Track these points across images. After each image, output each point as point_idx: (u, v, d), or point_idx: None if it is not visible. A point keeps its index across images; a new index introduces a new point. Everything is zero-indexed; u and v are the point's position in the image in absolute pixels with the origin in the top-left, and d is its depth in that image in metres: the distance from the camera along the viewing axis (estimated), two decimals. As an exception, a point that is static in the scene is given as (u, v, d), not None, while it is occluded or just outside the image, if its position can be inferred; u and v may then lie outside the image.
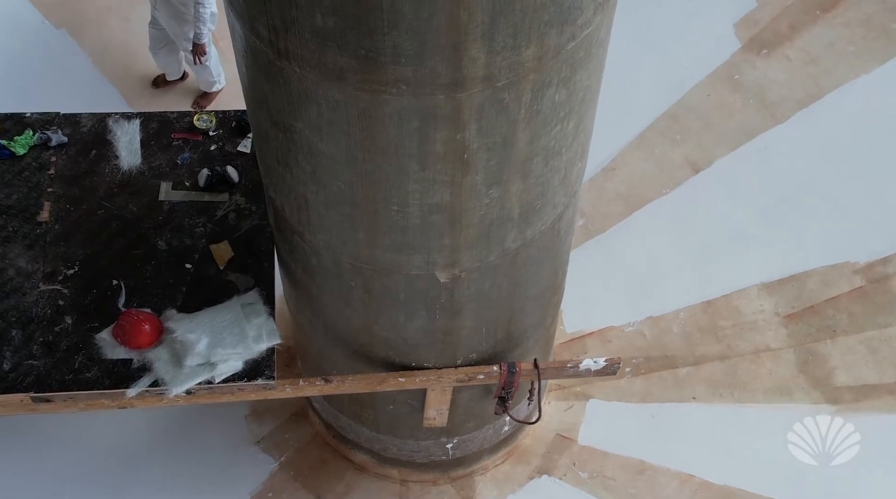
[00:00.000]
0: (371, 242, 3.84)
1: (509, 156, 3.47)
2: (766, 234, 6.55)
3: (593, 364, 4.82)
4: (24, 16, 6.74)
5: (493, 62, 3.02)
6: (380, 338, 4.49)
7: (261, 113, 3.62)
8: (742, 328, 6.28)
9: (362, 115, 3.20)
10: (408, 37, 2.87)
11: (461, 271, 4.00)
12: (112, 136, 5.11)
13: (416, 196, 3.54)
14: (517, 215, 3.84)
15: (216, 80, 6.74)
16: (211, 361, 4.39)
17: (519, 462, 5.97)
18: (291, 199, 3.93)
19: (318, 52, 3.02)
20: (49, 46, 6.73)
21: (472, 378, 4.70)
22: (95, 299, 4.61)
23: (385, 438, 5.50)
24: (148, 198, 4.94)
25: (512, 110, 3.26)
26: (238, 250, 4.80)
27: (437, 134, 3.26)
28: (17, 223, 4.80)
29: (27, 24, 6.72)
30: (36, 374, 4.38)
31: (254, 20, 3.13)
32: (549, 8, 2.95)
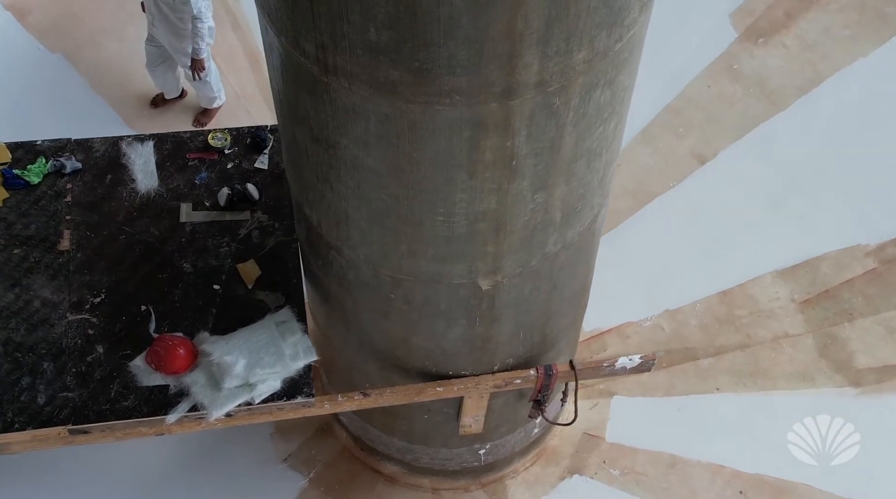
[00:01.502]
0: (414, 254, 3.81)
1: (555, 160, 3.46)
2: (775, 221, 6.59)
3: (629, 362, 4.82)
4: (18, 41, 6.64)
5: (546, 68, 3.01)
6: (418, 348, 4.46)
7: (300, 130, 3.58)
8: (759, 316, 6.31)
9: (412, 128, 3.18)
10: (464, 47, 2.85)
11: (503, 278, 3.99)
12: (126, 159, 5.04)
13: (463, 205, 3.52)
14: (559, 218, 3.83)
15: (216, 95, 6.67)
16: (249, 383, 4.33)
17: (549, 463, 5.96)
18: (330, 215, 3.89)
19: (370, 66, 2.99)
20: (46, 71, 6.63)
21: (509, 383, 4.68)
22: (125, 326, 4.53)
23: (417, 448, 5.46)
24: (169, 220, 4.87)
25: (561, 114, 3.25)
26: (265, 268, 4.74)
27: (488, 142, 3.24)
28: (39, 253, 4.71)
29: (23, 50, 6.62)
30: (72, 406, 4.30)
31: (299, 37, 3.09)
32: (601, 10, 2.95)
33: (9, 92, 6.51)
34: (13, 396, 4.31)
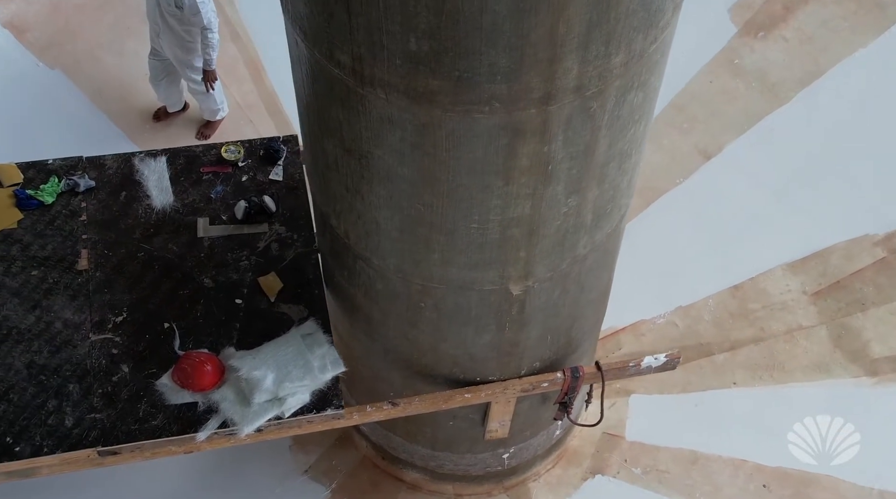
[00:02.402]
0: (446, 262, 3.79)
1: (589, 163, 3.45)
2: (783, 214, 6.61)
3: (654, 361, 4.82)
4: (17, 59, 6.57)
5: (585, 72, 3.00)
6: (446, 355, 4.44)
7: (330, 141, 3.55)
8: (772, 309, 6.34)
9: (450, 137, 3.16)
10: (505, 54, 2.84)
11: (534, 282, 3.98)
12: (140, 175, 4.99)
13: (498, 212, 3.51)
14: (590, 221, 3.83)
15: (220, 107, 6.63)
16: (279, 397, 4.30)
17: (570, 465, 5.95)
18: (359, 225, 3.86)
19: (408, 76, 2.97)
20: (46, 88, 6.56)
21: (536, 387, 4.67)
22: (149, 345, 4.49)
23: (441, 454, 5.44)
24: (187, 236, 4.83)
25: (597, 118, 3.24)
26: (286, 280, 4.71)
27: (525, 148, 3.23)
28: (57, 274, 4.66)
29: (21, 68, 6.54)
30: (100, 427, 4.25)
31: (334, 49, 3.07)
32: (639, 13, 2.95)
33: (9, 110, 6.44)
34: (40, 419, 4.26)
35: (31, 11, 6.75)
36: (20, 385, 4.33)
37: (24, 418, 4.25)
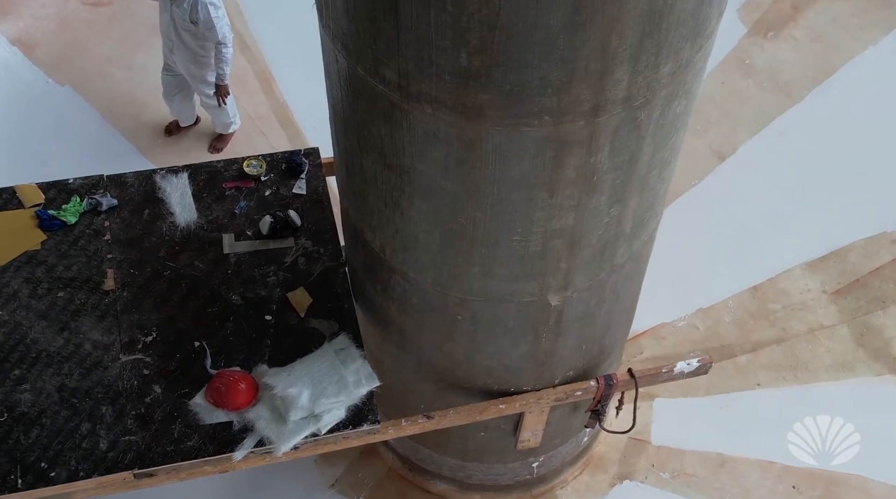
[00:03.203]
0: (486, 274, 3.77)
1: (632, 172, 3.44)
2: (800, 213, 6.62)
3: (686, 367, 4.80)
4: (26, 76, 6.50)
5: (634, 82, 2.98)
6: (481, 367, 4.42)
7: (369, 157, 3.52)
8: (793, 309, 6.33)
9: (496, 150, 3.14)
10: (557, 67, 2.82)
11: (573, 292, 3.95)
12: (162, 192, 4.94)
13: (541, 224, 3.48)
14: (629, 230, 3.81)
15: (232, 121, 6.59)
16: (315, 413, 4.26)
17: (597, 471, 5.93)
18: (397, 239, 3.83)
19: (457, 91, 2.95)
20: (57, 105, 6.51)
21: (569, 396, 4.65)
22: (180, 364, 4.44)
23: (471, 465, 5.41)
24: (212, 252, 4.78)
25: (643, 127, 3.22)
26: (315, 295, 4.67)
27: (571, 160, 3.21)
28: (84, 295, 4.61)
29: (31, 85, 6.49)
30: (136, 449, 4.20)
31: (379, 65, 3.04)
32: (689, 23, 2.93)
33: (21, 127, 6.38)
34: (75, 443, 4.20)
35: (39, 28, 6.69)
36: (52, 409, 4.28)
37: (57, 442, 4.20)
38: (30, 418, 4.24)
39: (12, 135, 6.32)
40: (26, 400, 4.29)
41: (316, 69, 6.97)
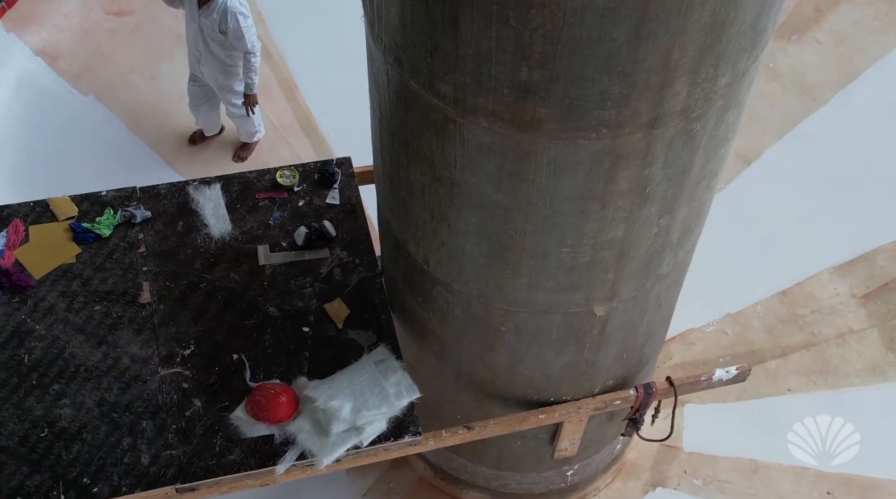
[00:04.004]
0: (532, 286, 3.75)
1: (684, 183, 3.42)
2: (826, 217, 6.60)
3: (725, 374, 4.78)
4: (51, 87, 6.49)
5: (693, 94, 2.97)
6: (522, 377, 4.40)
7: (418, 170, 3.50)
8: (821, 314, 6.32)
9: (551, 163, 3.12)
10: (618, 81, 2.80)
11: (618, 303, 3.94)
12: (195, 204, 4.92)
13: (591, 235, 3.46)
14: (676, 240, 3.79)
15: (257, 129, 6.57)
16: (357, 426, 4.23)
17: (629, 478, 5.91)
18: (442, 251, 3.81)
19: (515, 105, 2.93)
20: (81, 115, 6.49)
21: (609, 405, 4.64)
22: (219, 377, 4.42)
23: (506, 474, 5.40)
24: (248, 264, 4.76)
25: (697, 139, 3.21)
26: (352, 306, 4.65)
27: (626, 172, 3.19)
28: (120, 308, 4.59)
29: (56, 95, 6.47)
30: (178, 464, 4.18)
31: (434, 79, 3.03)
32: (748, 34, 2.92)
33: (47, 138, 6.36)
34: (116, 458, 4.18)
35: (62, 38, 6.67)
36: (93, 424, 4.26)
37: (99, 457, 4.18)
38: (70, 433, 4.22)
39: (38, 145, 6.30)
40: (66, 415, 4.27)
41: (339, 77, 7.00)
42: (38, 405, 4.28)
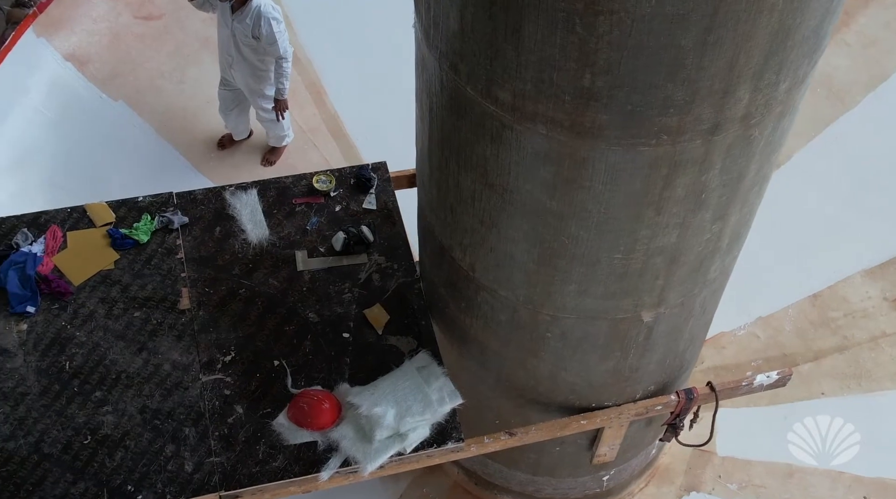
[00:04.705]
0: (582, 292, 3.73)
1: (738, 189, 3.40)
2: (857, 220, 6.57)
3: (766, 379, 4.77)
4: (81, 92, 6.48)
5: (754, 100, 2.95)
6: (564, 383, 4.38)
7: (469, 176, 3.49)
8: (854, 317, 6.29)
9: (609, 170, 3.10)
10: (682, 87, 2.78)
11: (665, 309, 3.92)
12: (232, 209, 4.92)
13: (644, 242, 3.44)
14: (725, 246, 3.77)
15: (286, 134, 6.56)
16: (400, 432, 4.22)
17: (663, 483, 5.88)
18: (490, 258, 3.80)
19: (576, 112, 2.91)
20: (111, 120, 6.48)
21: (650, 410, 4.62)
22: (261, 384, 4.41)
23: (542, 479, 5.38)
24: (286, 270, 4.75)
25: (754, 144, 3.19)
26: (391, 312, 4.64)
27: (683, 178, 3.17)
28: (160, 315, 4.58)
29: (86, 100, 6.46)
30: (221, 471, 4.17)
31: (493, 86, 3.01)
32: (810, 40, 2.90)
33: (77, 144, 6.36)
34: (160, 465, 4.17)
35: (91, 43, 6.66)
36: (135, 431, 4.25)
37: (143, 464, 4.17)
38: (113, 441, 4.22)
39: (68, 150, 6.30)
40: (109, 422, 4.27)
41: (366, 80, 6.99)
42: (81, 412, 4.28)
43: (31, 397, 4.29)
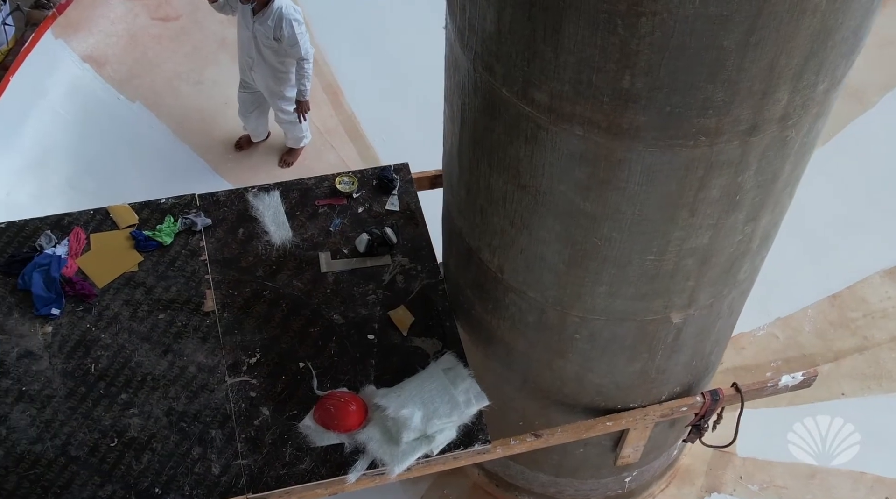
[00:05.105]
0: (612, 294, 3.72)
1: (771, 190, 3.39)
2: (875, 220, 6.56)
3: (791, 380, 4.76)
4: (98, 94, 6.47)
5: (792, 101, 2.94)
6: (591, 385, 4.37)
7: (501, 178, 3.48)
8: (873, 317, 6.27)
9: (645, 171, 3.09)
10: (722, 88, 2.78)
11: (695, 310, 3.91)
12: (255, 211, 4.91)
13: (677, 243, 3.44)
14: (755, 247, 3.77)
15: (304, 135, 6.55)
16: (427, 434, 4.21)
17: (684, 484, 5.87)
18: (520, 260, 3.79)
19: (614, 113, 2.90)
20: (128, 122, 6.47)
21: (675, 412, 4.61)
22: (286, 386, 4.40)
23: (564, 481, 5.37)
24: (310, 271, 4.74)
25: (790, 145, 3.18)
26: (415, 313, 4.63)
27: (718, 180, 3.16)
28: (185, 317, 4.57)
29: (104, 102, 6.45)
30: (248, 474, 4.17)
31: (530, 87, 3.00)
32: (850, 40, 2.89)
33: (95, 145, 6.35)
34: (187, 468, 4.17)
35: (109, 44, 6.66)
36: (162, 433, 4.25)
37: (170, 467, 4.17)
38: (140, 443, 4.21)
39: (87, 152, 6.29)
40: (135, 425, 4.26)
41: (383, 80, 6.99)
42: (107, 415, 4.27)
43: (58, 400, 4.29)
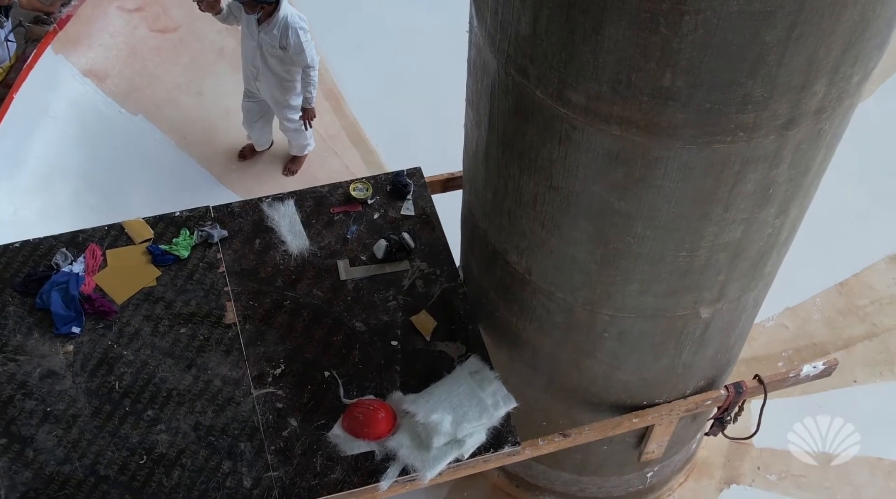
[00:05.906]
0: (643, 291, 3.73)
1: (802, 183, 3.41)
2: (879, 207, 6.61)
3: (812, 370, 4.79)
4: (100, 107, 6.41)
5: (829, 94, 2.96)
6: (618, 383, 4.38)
7: (532, 179, 3.48)
8: (881, 304, 6.32)
9: (682, 168, 3.10)
10: (761, 84, 2.79)
11: (724, 304, 3.92)
12: (271, 221, 4.88)
13: (710, 238, 3.45)
14: (782, 240, 3.79)
15: (308, 142, 6.53)
16: (457, 438, 4.20)
17: (702, 477, 5.90)
18: (549, 261, 3.79)
19: (653, 112, 2.90)
20: (131, 135, 6.42)
21: (700, 406, 4.63)
22: (313, 395, 4.38)
23: (587, 479, 5.37)
24: (329, 280, 4.72)
25: (822, 138, 3.20)
26: (437, 317, 4.62)
27: (753, 174, 3.18)
28: (206, 330, 4.54)
29: (106, 116, 6.40)
30: (280, 486, 4.14)
31: (565, 88, 3.00)
32: (884, 32, 2.91)
33: (99, 159, 6.29)
34: (218, 482, 4.14)
35: (109, 58, 6.60)
36: (191, 449, 4.21)
37: (201, 482, 4.13)
38: (169, 460, 4.18)
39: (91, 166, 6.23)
40: (163, 441, 4.22)
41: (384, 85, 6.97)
42: (134, 432, 4.23)
43: (83, 419, 4.25)
